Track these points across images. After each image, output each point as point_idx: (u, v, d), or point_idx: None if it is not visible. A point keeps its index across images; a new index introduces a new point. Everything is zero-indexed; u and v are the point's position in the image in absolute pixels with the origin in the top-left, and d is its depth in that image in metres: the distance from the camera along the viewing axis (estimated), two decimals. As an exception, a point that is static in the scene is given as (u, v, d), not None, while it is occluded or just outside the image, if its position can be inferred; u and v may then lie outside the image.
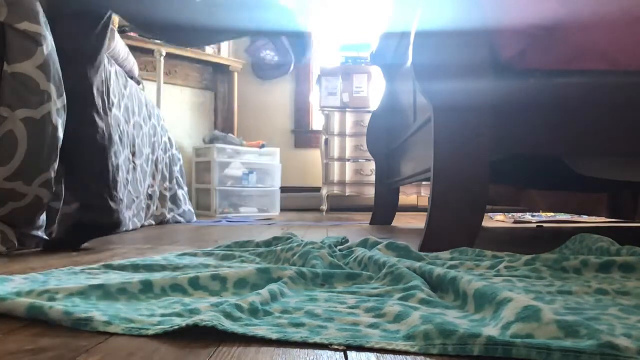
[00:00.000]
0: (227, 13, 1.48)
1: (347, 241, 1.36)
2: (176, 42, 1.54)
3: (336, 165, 3.77)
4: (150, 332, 0.55)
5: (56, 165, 1.39)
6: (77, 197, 1.52)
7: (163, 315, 0.61)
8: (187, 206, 2.80)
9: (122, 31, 3.36)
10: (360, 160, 3.78)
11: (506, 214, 3.53)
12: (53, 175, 1.38)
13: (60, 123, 1.39)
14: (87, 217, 1.48)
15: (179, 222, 2.69)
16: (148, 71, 3.64)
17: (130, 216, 2.14)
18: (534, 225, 2.75)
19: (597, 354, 0.44)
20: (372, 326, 0.58)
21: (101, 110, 1.54)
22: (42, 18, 1.37)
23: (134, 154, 2.19)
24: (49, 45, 1.38)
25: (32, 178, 1.32)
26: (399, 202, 2.78)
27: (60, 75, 1.42)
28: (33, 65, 1.32)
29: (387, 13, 2.10)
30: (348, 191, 3.79)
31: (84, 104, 1.50)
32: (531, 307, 0.54)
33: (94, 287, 0.71)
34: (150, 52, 3.57)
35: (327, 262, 0.97)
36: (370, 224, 2.67)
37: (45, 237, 1.44)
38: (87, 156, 1.51)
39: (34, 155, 1.31)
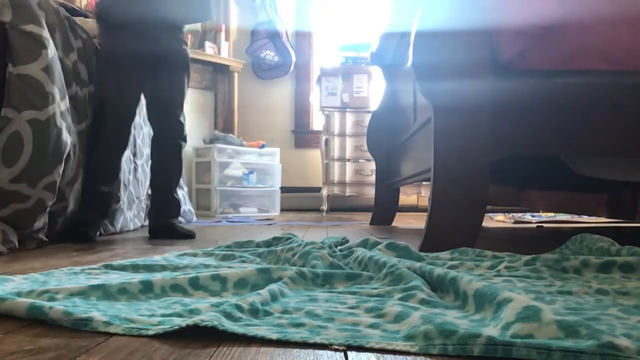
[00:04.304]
0: None
1: (347, 241, 1.36)
2: None
3: (336, 165, 3.77)
4: (150, 332, 0.55)
5: (61, 168, 1.39)
6: None
7: (163, 315, 0.61)
8: (186, 206, 2.80)
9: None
10: (360, 160, 3.78)
11: (506, 214, 3.53)
12: (58, 178, 1.38)
13: (64, 126, 1.40)
14: None
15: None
16: (148, 71, 3.63)
17: (131, 216, 2.14)
18: (534, 225, 2.75)
19: (597, 354, 0.44)
20: (372, 326, 0.58)
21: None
22: (44, 22, 1.37)
23: (134, 155, 2.19)
24: (52, 48, 1.38)
25: (37, 180, 1.32)
26: (399, 202, 2.78)
27: (62, 78, 1.43)
28: (38, 67, 1.32)
29: (387, 13, 2.10)
30: (348, 191, 3.79)
31: None
32: (531, 307, 0.54)
33: (94, 287, 0.71)
34: (150, 52, 3.56)
35: (327, 262, 0.97)
36: (370, 224, 2.67)
37: (45, 238, 1.44)
38: None
39: (38, 156, 1.31)
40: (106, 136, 1.71)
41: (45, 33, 1.35)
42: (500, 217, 3.32)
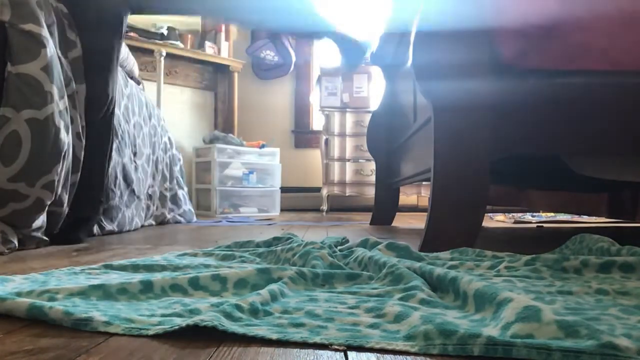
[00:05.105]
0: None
1: (347, 241, 1.36)
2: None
3: (336, 165, 3.77)
4: (150, 332, 0.55)
5: (59, 167, 1.39)
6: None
7: (163, 315, 0.61)
8: (187, 206, 2.80)
9: (122, 31, 3.36)
10: (360, 160, 3.78)
11: (506, 214, 3.53)
12: (56, 177, 1.38)
13: (62, 125, 1.40)
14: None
15: (179, 222, 2.69)
16: (148, 71, 3.64)
17: (131, 216, 2.14)
18: (534, 225, 2.75)
19: (597, 354, 0.44)
20: (372, 326, 0.58)
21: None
22: (44, 21, 1.37)
23: (135, 154, 2.19)
24: (52, 47, 1.38)
25: (35, 179, 1.32)
26: (399, 202, 2.78)
27: (62, 77, 1.43)
28: (37, 67, 1.32)
29: (387, 13, 2.10)
30: (348, 191, 3.79)
31: None
32: (531, 307, 0.54)
33: (94, 287, 0.71)
34: (150, 52, 3.57)
35: (327, 262, 0.97)
36: (370, 224, 2.67)
37: (44, 237, 1.44)
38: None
39: (37, 156, 1.31)
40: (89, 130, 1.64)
41: (45, 32, 1.35)
42: (500, 217, 3.32)
